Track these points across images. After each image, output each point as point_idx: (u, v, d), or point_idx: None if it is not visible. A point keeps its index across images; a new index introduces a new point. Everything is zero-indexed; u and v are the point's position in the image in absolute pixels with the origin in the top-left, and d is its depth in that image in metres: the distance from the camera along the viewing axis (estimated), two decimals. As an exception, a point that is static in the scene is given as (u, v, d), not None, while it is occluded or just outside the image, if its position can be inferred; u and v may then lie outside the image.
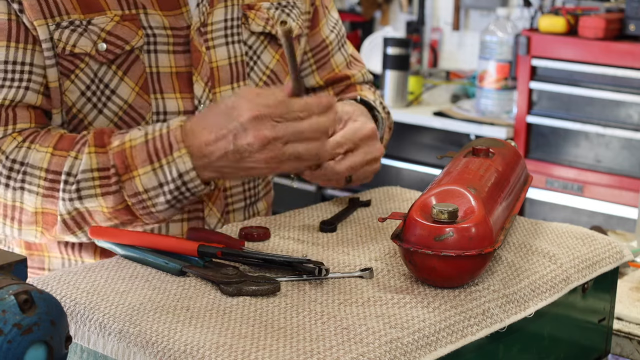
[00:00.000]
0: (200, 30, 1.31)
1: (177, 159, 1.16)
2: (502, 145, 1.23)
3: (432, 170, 3.41)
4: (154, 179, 1.18)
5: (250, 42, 1.37)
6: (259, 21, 1.38)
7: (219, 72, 1.33)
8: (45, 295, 0.77)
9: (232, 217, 1.39)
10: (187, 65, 1.30)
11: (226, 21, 1.34)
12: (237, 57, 1.36)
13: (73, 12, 1.22)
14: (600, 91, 3.08)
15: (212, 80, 1.32)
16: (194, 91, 1.30)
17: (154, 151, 1.18)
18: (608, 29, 3.06)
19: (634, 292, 1.49)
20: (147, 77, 1.28)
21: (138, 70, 1.27)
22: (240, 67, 1.36)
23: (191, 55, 1.30)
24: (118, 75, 1.26)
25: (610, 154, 3.10)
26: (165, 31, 1.28)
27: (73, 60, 1.23)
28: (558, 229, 1.23)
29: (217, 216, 1.36)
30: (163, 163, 1.17)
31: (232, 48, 1.35)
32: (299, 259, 1.03)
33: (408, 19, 4.21)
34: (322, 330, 0.90)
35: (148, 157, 1.18)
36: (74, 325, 0.95)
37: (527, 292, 1.05)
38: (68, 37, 1.22)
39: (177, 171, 1.17)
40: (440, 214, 0.98)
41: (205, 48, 1.32)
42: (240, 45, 1.36)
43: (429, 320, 0.93)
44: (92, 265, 1.08)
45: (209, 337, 0.87)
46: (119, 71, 1.26)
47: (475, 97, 3.51)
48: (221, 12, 1.34)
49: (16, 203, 1.21)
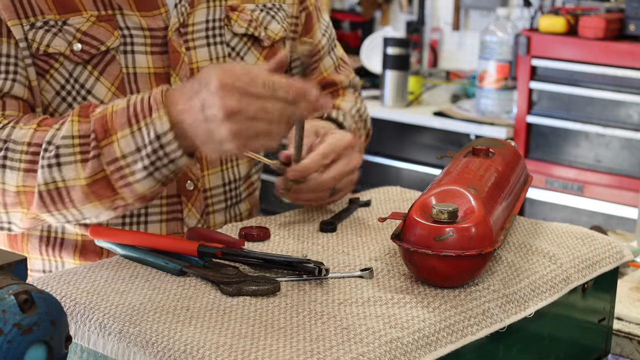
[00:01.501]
0: (179, 31, 1.31)
1: (155, 119, 1.12)
2: (502, 145, 1.23)
3: (432, 170, 3.41)
4: (131, 142, 1.13)
5: (232, 43, 1.37)
6: (241, 23, 1.37)
7: None
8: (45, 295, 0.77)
9: (212, 218, 1.38)
10: (165, 66, 1.30)
11: (208, 22, 1.34)
12: (219, 58, 1.35)
13: (48, 12, 1.23)
14: (600, 91, 3.08)
15: None
16: None
17: (134, 114, 1.14)
18: (608, 29, 3.06)
19: (634, 292, 1.49)
20: (124, 77, 1.28)
21: (114, 70, 1.27)
22: None
23: (169, 56, 1.30)
24: (94, 75, 1.26)
25: (610, 154, 3.10)
26: (143, 32, 1.28)
27: (47, 60, 1.24)
28: (558, 229, 1.23)
29: (196, 217, 1.35)
30: (141, 125, 1.13)
31: (213, 49, 1.35)
32: (299, 259, 1.03)
33: (408, 19, 4.21)
34: (322, 330, 0.90)
35: (127, 120, 1.14)
36: (74, 325, 0.95)
37: (527, 292, 1.05)
38: (42, 37, 1.22)
39: (154, 132, 1.12)
40: (440, 214, 0.98)
41: (185, 49, 1.31)
42: (223, 46, 1.36)
43: (429, 320, 0.93)
44: (92, 265, 1.08)
45: (209, 337, 0.87)
46: (94, 71, 1.26)
47: (475, 97, 3.51)
48: (203, 12, 1.33)
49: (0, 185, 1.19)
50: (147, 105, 1.14)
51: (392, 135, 3.57)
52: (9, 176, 1.18)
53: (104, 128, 1.15)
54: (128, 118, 1.14)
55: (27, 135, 1.18)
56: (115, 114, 1.15)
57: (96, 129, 1.15)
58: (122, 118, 1.14)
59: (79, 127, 1.16)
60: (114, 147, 1.14)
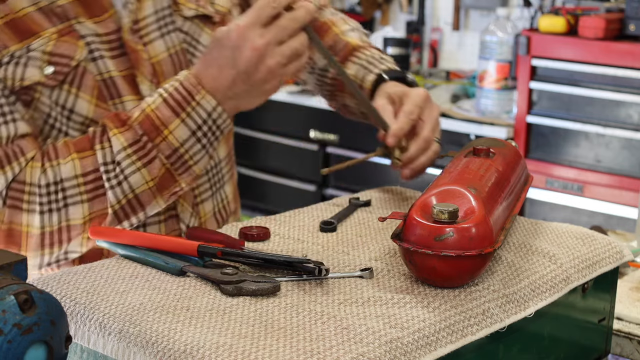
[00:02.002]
0: (132, 29, 1.29)
1: (201, 100, 1.20)
2: (503, 145, 1.23)
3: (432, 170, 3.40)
4: (185, 129, 1.20)
5: (185, 28, 1.36)
6: (190, 5, 1.35)
7: (161, 66, 1.32)
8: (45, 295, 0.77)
9: (202, 208, 1.40)
10: (129, 67, 1.29)
11: (157, 12, 1.32)
12: (175, 46, 1.34)
13: (10, 43, 1.20)
14: (600, 91, 3.08)
15: (156, 76, 1.31)
16: (141, 92, 1.29)
17: (176, 104, 1.20)
18: (608, 29, 3.06)
19: (634, 292, 1.49)
20: (100, 85, 1.26)
21: (89, 81, 1.25)
22: (181, 56, 1.34)
23: (129, 57, 1.28)
24: (72, 93, 1.24)
25: (610, 154, 3.10)
26: (100, 38, 1.26)
27: (27, 92, 1.22)
28: (558, 229, 1.23)
29: (189, 210, 1.36)
30: (189, 110, 1.20)
31: (168, 39, 1.33)
32: (299, 259, 1.03)
33: (408, 19, 4.21)
34: (322, 330, 0.90)
35: (173, 111, 1.20)
36: (74, 325, 0.95)
37: (527, 292, 1.05)
38: (13, 72, 1.20)
39: (205, 112, 1.21)
40: (441, 214, 0.98)
41: (142, 45, 1.30)
42: (177, 33, 1.34)
43: (429, 320, 0.93)
44: (92, 265, 1.08)
45: (209, 337, 0.87)
46: (72, 89, 1.24)
47: (475, 97, 3.51)
48: (150, 4, 1.31)
49: (62, 224, 1.21)
50: (185, 92, 1.20)
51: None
52: (72, 212, 1.21)
53: (153, 126, 1.20)
54: (172, 109, 1.20)
55: (74, 168, 1.20)
56: (158, 110, 1.20)
57: (145, 131, 1.20)
58: (166, 111, 1.20)
59: (125, 137, 1.20)
60: (170, 139, 1.20)
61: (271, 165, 4.04)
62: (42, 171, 1.20)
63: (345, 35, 1.51)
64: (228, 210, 1.48)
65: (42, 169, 1.20)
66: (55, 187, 1.20)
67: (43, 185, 1.20)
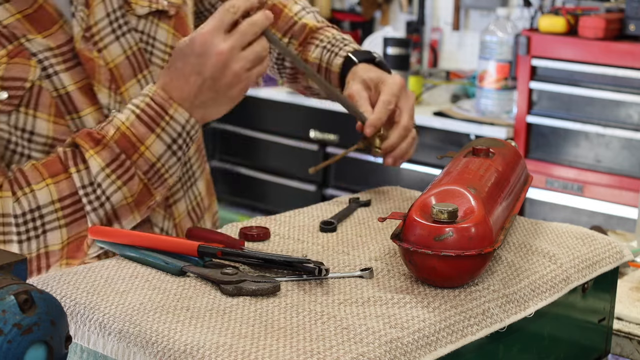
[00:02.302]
0: (85, 37, 1.26)
1: (174, 114, 1.21)
2: (502, 145, 1.23)
3: (432, 170, 3.41)
4: (161, 144, 1.21)
5: (140, 27, 1.33)
6: (142, 2, 1.33)
7: (119, 70, 1.30)
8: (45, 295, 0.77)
9: (175, 209, 1.39)
10: (84, 78, 1.26)
11: (109, 15, 1.29)
12: (132, 47, 1.32)
13: None
14: (600, 91, 3.08)
15: (115, 82, 1.29)
16: (99, 101, 1.27)
17: (150, 119, 1.20)
18: (608, 29, 3.06)
19: (634, 292, 1.49)
20: (57, 101, 1.24)
21: (46, 99, 1.23)
22: (139, 57, 1.32)
23: (84, 67, 1.26)
24: (30, 114, 1.22)
25: (610, 154, 3.10)
26: (52, 52, 1.23)
27: None
28: (558, 229, 1.23)
29: (161, 214, 1.36)
30: (163, 125, 1.21)
31: (124, 40, 1.31)
32: (299, 259, 1.03)
33: (408, 19, 4.21)
34: (322, 330, 0.90)
35: (147, 127, 1.20)
36: (74, 325, 0.95)
37: (527, 292, 1.05)
38: None
39: (179, 125, 1.21)
40: (440, 213, 0.98)
41: (97, 52, 1.27)
42: (132, 34, 1.32)
43: (429, 320, 0.93)
44: (92, 265, 1.08)
45: (209, 337, 0.87)
46: (29, 110, 1.22)
47: (475, 97, 3.51)
48: (101, 7, 1.28)
49: (40, 251, 1.20)
50: (157, 107, 1.20)
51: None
52: (50, 238, 1.20)
53: (130, 143, 1.20)
54: (147, 125, 1.20)
55: (50, 194, 1.18)
56: (133, 127, 1.20)
57: (122, 149, 1.19)
58: (141, 128, 1.20)
59: (103, 157, 1.19)
60: (146, 155, 1.21)
61: (271, 165, 4.04)
62: (14, 200, 1.17)
63: (300, 17, 1.52)
64: (202, 206, 1.47)
65: (15, 198, 1.17)
66: (32, 215, 1.18)
67: (19, 215, 1.17)
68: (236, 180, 4.18)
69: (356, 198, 1.34)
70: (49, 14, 1.23)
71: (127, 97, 1.30)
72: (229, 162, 4.19)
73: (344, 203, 1.32)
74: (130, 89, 1.30)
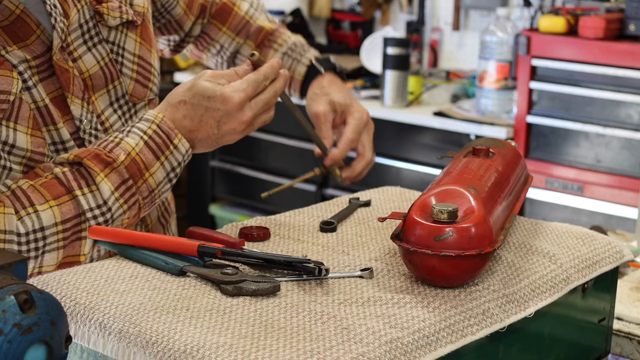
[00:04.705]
0: (62, 47, 1.25)
1: (178, 144, 1.25)
2: (502, 145, 1.23)
3: (432, 170, 3.41)
4: (162, 171, 1.24)
5: (111, 37, 1.33)
6: (114, 14, 1.33)
7: (92, 80, 1.30)
8: (45, 295, 0.77)
9: (148, 217, 1.41)
10: (58, 88, 1.25)
11: (82, 26, 1.29)
12: (105, 58, 1.32)
13: None
14: (600, 91, 3.08)
15: (87, 91, 1.29)
16: (72, 112, 1.26)
17: (157, 147, 1.24)
18: (608, 29, 3.06)
19: (634, 292, 1.49)
20: (35, 113, 1.22)
21: (25, 112, 1.21)
22: (111, 67, 1.33)
23: (58, 77, 1.25)
24: (11, 127, 1.20)
25: (610, 154, 3.10)
26: (28, 63, 1.22)
27: None
28: (558, 229, 1.23)
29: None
30: (167, 154, 1.24)
31: (96, 51, 1.31)
32: (299, 259, 1.03)
33: (408, 19, 4.21)
34: (322, 330, 0.90)
35: (154, 155, 1.23)
36: (74, 325, 0.95)
37: (527, 292, 1.05)
38: None
39: (180, 155, 1.25)
40: (440, 213, 0.98)
41: (71, 62, 1.27)
42: (103, 44, 1.32)
43: (429, 320, 0.93)
44: (92, 265, 1.08)
45: (209, 337, 0.87)
46: (10, 123, 1.20)
47: (475, 97, 3.51)
48: (75, 18, 1.28)
49: (34, 270, 1.19)
50: (164, 136, 1.24)
51: (392, 135, 3.57)
52: (48, 259, 1.19)
53: (138, 170, 1.22)
54: (154, 153, 1.23)
55: (54, 216, 1.17)
56: (142, 154, 1.22)
57: (131, 174, 1.22)
58: (149, 155, 1.23)
59: (112, 181, 1.20)
60: (149, 181, 1.24)
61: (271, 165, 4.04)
62: (18, 218, 1.15)
63: (252, 17, 1.59)
64: (169, 210, 1.50)
65: (18, 216, 1.15)
66: (35, 236, 1.17)
67: (22, 234, 1.15)
68: (236, 180, 4.18)
69: (356, 198, 1.34)
70: (26, 25, 1.22)
71: (98, 106, 1.30)
72: (229, 162, 4.18)
73: (344, 203, 1.32)
74: (99, 99, 1.31)
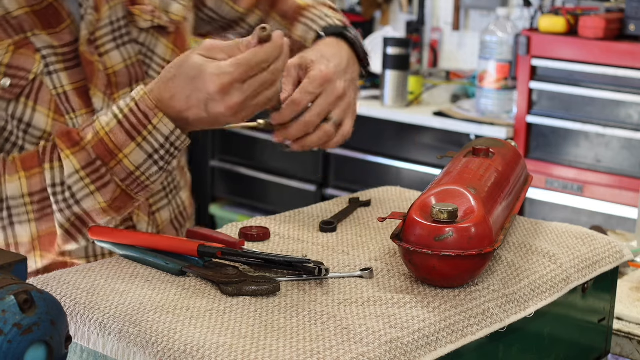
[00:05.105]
0: (89, 40, 1.27)
1: (158, 125, 1.15)
2: (502, 145, 1.23)
3: (432, 170, 3.41)
4: (141, 153, 1.16)
5: (141, 39, 1.34)
6: (145, 16, 1.33)
7: (116, 77, 1.30)
8: (45, 295, 0.77)
9: (159, 216, 1.39)
10: (82, 79, 1.26)
11: (112, 24, 1.30)
12: (132, 58, 1.32)
13: None
14: (600, 91, 3.08)
15: (110, 88, 1.30)
16: (93, 105, 1.27)
17: (132, 127, 1.15)
18: (608, 29, 3.06)
19: (634, 292, 1.49)
20: (56, 99, 1.24)
21: (46, 95, 1.23)
22: (137, 68, 1.33)
23: (83, 69, 1.26)
24: (29, 106, 1.22)
25: (610, 154, 3.10)
26: (55, 50, 1.24)
27: None
28: (558, 229, 1.23)
29: (145, 220, 1.36)
30: (145, 134, 1.15)
31: (124, 50, 1.31)
32: (299, 259, 1.03)
33: (408, 19, 4.21)
34: (322, 330, 0.90)
35: (128, 135, 1.15)
36: (74, 325, 0.95)
37: (527, 292, 1.05)
38: None
39: (162, 136, 1.15)
40: (440, 213, 0.98)
41: (98, 56, 1.28)
42: (132, 45, 1.33)
43: (429, 320, 0.93)
44: (92, 265, 1.08)
45: (209, 337, 0.87)
46: (29, 102, 1.22)
47: (475, 97, 3.51)
48: (106, 15, 1.29)
49: (10, 241, 1.20)
50: (141, 115, 1.15)
51: (392, 135, 3.57)
52: (19, 231, 1.19)
53: (107, 151, 1.16)
54: (127, 133, 1.16)
55: (22, 187, 1.17)
56: (112, 133, 1.16)
57: (99, 155, 1.16)
58: (121, 135, 1.16)
59: (78, 160, 1.16)
60: (125, 163, 1.16)
61: (271, 165, 4.04)
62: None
63: None
64: (185, 215, 1.47)
65: None
66: (0, 205, 1.18)
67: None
68: (236, 180, 4.18)
69: (356, 198, 1.34)
70: (57, 13, 1.24)
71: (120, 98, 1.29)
72: (229, 162, 4.18)
73: (344, 203, 1.32)
74: (122, 97, 1.29)
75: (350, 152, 3.69)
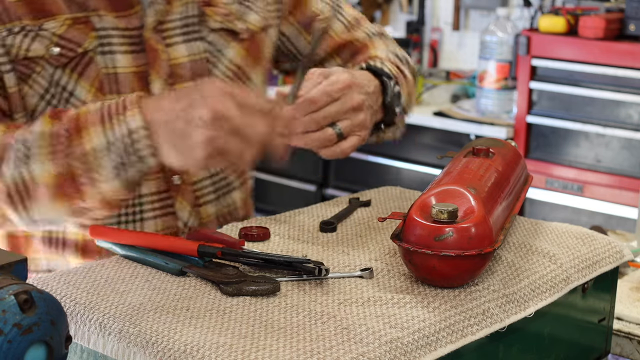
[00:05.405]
0: (156, 29, 1.31)
1: (129, 117, 1.13)
2: (502, 145, 1.23)
3: (432, 170, 3.41)
4: (102, 137, 1.14)
5: (210, 38, 1.37)
6: (217, 18, 1.37)
7: (179, 69, 1.33)
8: (45, 295, 0.77)
9: (204, 210, 1.38)
10: (142, 64, 1.30)
11: (183, 19, 1.34)
12: (198, 54, 1.35)
13: (24, 17, 1.23)
14: (600, 91, 3.08)
15: (173, 78, 1.32)
16: (151, 90, 1.29)
17: (108, 113, 1.15)
18: (608, 29, 3.06)
19: (634, 292, 1.49)
20: (103, 78, 1.27)
21: (92, 72, 1.27)
22: (201, 64, 1.35)
23: (146, 54, 1.30)
24: (73, 78, 1.26)
25: (610, 154, 3.10)
26: (118, 32, 1.28)
27: (29, 64, 1.24)
28: (558, 229, 1.23)
29: (187, 209, 1.35)
30: (114, 122, 1.14)
31: (191, 45, 1.34)
32: (299, 259, 1.04)
33: (408, 19, 4.21)
34: (322, 330, 0.90)
35: (100, 118, 1.14)
36: (74, 325, 0.95)
37: (527, 292, 1.05)
38: (21, 42, 1.23)
39: (126, 128, 1.13)
40: (440, 213, 0.98)
41: (163, 46, 1.31)
42: (201, 42, 1.35)
43: (429, 320, 0.93)
44: (92, 265, 1.08)
45: (209, 337, 0.87)
46: (73, 74, 1.26)
47: (475, 97, 3.51)
48: (178, 9, 1.33)
49: None
50: (121, 105, 1.15)
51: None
52: None
53: (77, 127, 1.16)
54: (101, 116, 1.15)
55: None
56: (89, 114, 1.16)
57: (69, 128, 1.16)
58: (95, 117, 1.16)
59: (51, 126, 1.17)
60: (84, 142, 1.15)
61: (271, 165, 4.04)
62: None
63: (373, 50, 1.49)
64: (235, 215, 1.46)
65: None
66: None
67: None
68: (236, 180, 4.18)
69: (356, 198, 1.34)
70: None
71: None
72: (229, 162, 4.18)
73: (344, 203, 1.32)
74: None
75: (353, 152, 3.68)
